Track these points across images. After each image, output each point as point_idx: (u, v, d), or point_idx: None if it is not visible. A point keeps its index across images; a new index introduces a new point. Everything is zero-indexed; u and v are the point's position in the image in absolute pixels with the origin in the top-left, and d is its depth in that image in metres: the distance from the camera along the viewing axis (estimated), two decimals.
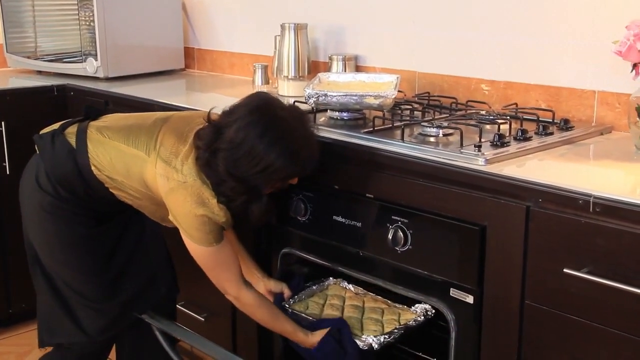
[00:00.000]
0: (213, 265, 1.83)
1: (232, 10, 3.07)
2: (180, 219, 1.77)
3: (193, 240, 1.78)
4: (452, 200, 1.67)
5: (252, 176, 1.69)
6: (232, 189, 1.72)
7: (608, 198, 1.41)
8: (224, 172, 1.70)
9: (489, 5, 2.22)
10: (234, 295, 1.85)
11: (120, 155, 1.83)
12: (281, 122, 1.70)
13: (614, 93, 1.97)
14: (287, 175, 1.75)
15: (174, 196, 1.76)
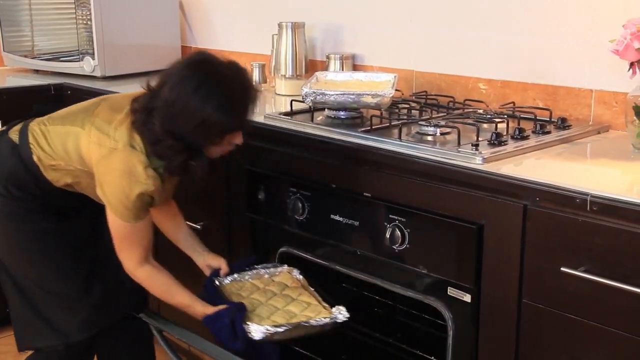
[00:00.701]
0: (121, 238, 1.80)
1: (229, 8, 3.07)
2: (106, 188, 1.74)
3: (112, 210, 1.75)
4: (449, 199, 1.67)
5: (190, 132, 1.66)
6: (170, 147, 1.68)
7: (605, 197, 1.41)
8: (160, 131, 1.67)
9: (486, 4, 2.21)
10: (129, 270, 1.83)
11: (58, 136, 1.82)
12: (217, 76, 1.67)
13: (611, 92, 1.97)
14: (224, 129, 1.69)
15: (103, 164, 1.73)
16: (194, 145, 1.70)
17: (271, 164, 2.09)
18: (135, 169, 1.71)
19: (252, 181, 2.13)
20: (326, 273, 2.07)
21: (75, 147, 1.80)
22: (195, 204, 2.35)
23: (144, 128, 1.71)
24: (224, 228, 2.27)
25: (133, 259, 1.82)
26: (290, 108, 2.19)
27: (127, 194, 1.72)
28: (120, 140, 1.73)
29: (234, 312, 1.78)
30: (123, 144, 1.72)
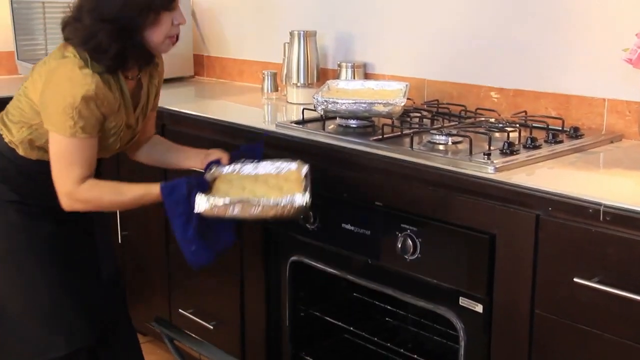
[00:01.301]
0: (61, 157, 1.71)
1: (241, 17, 3.08)
2: (49, 106, 1.69)
3: (55, 127, 1.69)
4: (461, 209, 1.66)
5: (118, 13, 1.65)
6: (106, 34, 1.66)
7: (618, 207, 1.40)
8: (90, 22, 1.67)
9: (497, 13, 2.21)
10: (68, 193, 1.72)
11: (13, 107, 1.82)
12: None
13: (624, 101, 1.96)
14: (150, 2, 1.67)
15: (46, 90, 1.71)
16: (128, 29, 1.68)
17: None
18: (72, 74, 1.68)
19: None
20: (337, 282, 2.07)
21: (27, 103, 1.78)
22: None
23: (75, 31, 1.71)
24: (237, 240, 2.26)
25: (72, 178, 1.71)
26: (302, 116, 2.19)
27: (69, 102, 1.66)
28: (54, 61, 1.73)
29: (193, 184, 1.66)
30: (56, 61, 1.72)
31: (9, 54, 3.22)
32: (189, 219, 1.65)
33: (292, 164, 1.83)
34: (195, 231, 1.65)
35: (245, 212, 1.60)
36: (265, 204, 1.59)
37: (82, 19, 1.70)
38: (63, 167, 1.72)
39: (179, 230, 1.66)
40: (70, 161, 1.71)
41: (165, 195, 1.69)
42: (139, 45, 1.71)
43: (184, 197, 1.65)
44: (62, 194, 1.74)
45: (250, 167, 1.82)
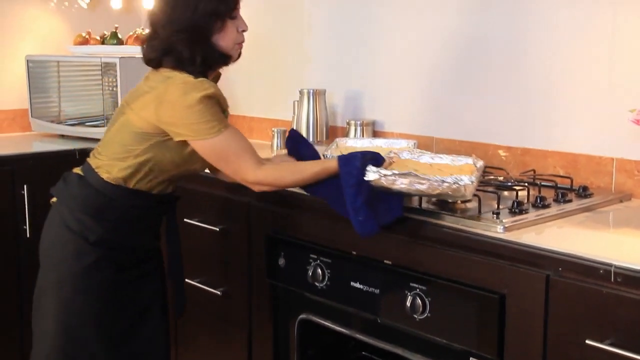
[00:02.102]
0: (225, 157, 1.82)
1: (251, 75, 3.13)
2: (180, 121, 1.78)
3: (202, 135, 1.79)
4: (470, 268, 1.66)
5: (190, 22, 1.80)
6: (183, 43, 1.81)
7: (630, 268, 1.39)
8: (168, 35, 1.82)
9: (505, 72, 2.24)
10: (254, 179, 1.83)
11: (110, 145, 1.88)
12: None
13: (632, 160, 1.96)
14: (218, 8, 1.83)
15: (163, 104, 1.79)
16: (201, 36, 1.83)
17: (291, 230, 2.09)
18: (187, 85, 1.79)
19: (272, 247, 2.13)
20: (346, 341, 2.05)
21: (130, 133, 1.85)
22: (215, 269, 2.35)
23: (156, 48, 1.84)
24: (244, 294, 2.26)
25: (251, 166, 1.82)
26: None
27: (199, 107, 1.77)
28: (160, 84, 1.82)
29: (367, 157, 1.75)
30: (162, 83, 1.81)
31: (23, 111, 3.28)
32: (359, 190, 1.72)
33: (468, 158, 1.89)
34: (363, 200, 1.71)
35: (411, 186, 1.68)
36: (432, 179, 1.67)
37: (157, 35, 1.85)
38: (235, 163, 1.82)
39: (349, 199, 1.73)
40: (237, 154, 1.82)
41: (341, 165, 1.76)
42: (213, 50, 1.86)
43: (357, 168, 1.72)
44: (249, 184, 1.85)
45: (427, 157, 1.92)
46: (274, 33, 3.00)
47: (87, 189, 1.89)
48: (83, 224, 1.87)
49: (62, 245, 1.89)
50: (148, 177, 1.88)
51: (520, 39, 2.20)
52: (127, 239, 1.93)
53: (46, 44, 3.37)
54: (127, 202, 1.89)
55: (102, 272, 1.89)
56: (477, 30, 2.30)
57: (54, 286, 1.90)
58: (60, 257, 1.89)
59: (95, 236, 1.87)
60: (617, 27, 1.98)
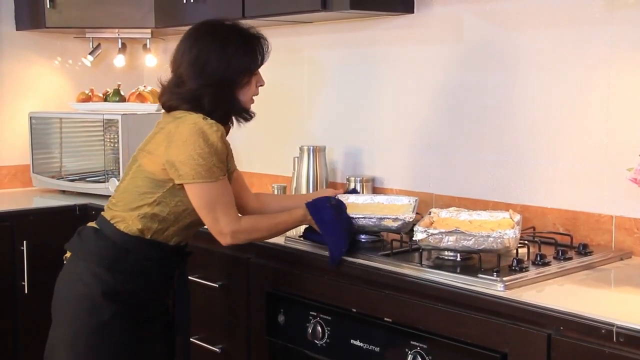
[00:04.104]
0: (213, 204, 1.84)
1: (251, 130, 3.13)
2: (187, 160, 1.81)
3: (194, 178, 1.81)
4: (471, 326, 1.65)
5: (221, 75, 1.87)
6: (209, 96, 1.86)
7: (632, 328, 1.39)
8: (195, 87, 1.87)
9: (504, 130, 2.26)
10: (233, 229, 1.87)
11: (126, 193, 1.90)
12: (226, 27, 1.93)
13: (631, 218, 1.97)
14: (248, 65, 1.91)
15: (173, 143, 1.83)
16: (228, 90, 1.90)
17: (291, 287, 2.08)
18: (198, 125, 1.82)
19: (271, 304, 2.12)
20: None
21: (145, 179, 1.87)
22: (214, 326, 2.33)
23: (180, 96, 1.88)
24: (244, 351, 2.23)
25: (233, 218, 1.87)
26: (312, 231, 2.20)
27: (206, 149, 1.81)
28: (172, 124, 1.86)
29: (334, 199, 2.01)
30: (173, 123, 1.86)
31: (25, 167, 3.29)
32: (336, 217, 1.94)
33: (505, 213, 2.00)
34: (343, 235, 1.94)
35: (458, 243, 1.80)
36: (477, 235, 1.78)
37: (184, 84, 1.89)
38: (221, 211, 1.86)
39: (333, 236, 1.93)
40: (225, 203, 1.87)
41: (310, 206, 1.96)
42: (236, 104, 1.94)
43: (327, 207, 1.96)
44: (225, 235, 1.88)
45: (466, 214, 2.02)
46: (274, 89, 3.03)
47: (103, 242, 1.89)
48: (98, 277, 1.86)
49: (76, 300, 1.87)
50: (164, 225, 1.88)
51: (518, 97, 2.22)
52: (141, 292, 1.91)
53: (49, 100, 3.41)
54: (143, 253, 1.88)
55: (117, 328, 1.87)
56: (476, 88, 2.34)
57: (67, 342, 1.88)
58: (74, 313, 1.88)
59: (110, 289, 1.85)
60: (613, 86, 2.01)
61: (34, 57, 3.38)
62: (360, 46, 2.68)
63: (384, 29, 2.59)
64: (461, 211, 2.02)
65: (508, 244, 1.76)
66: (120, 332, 1.88)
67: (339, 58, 2.77)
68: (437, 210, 2.03)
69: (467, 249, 1.79)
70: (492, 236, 1.76)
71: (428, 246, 1.83)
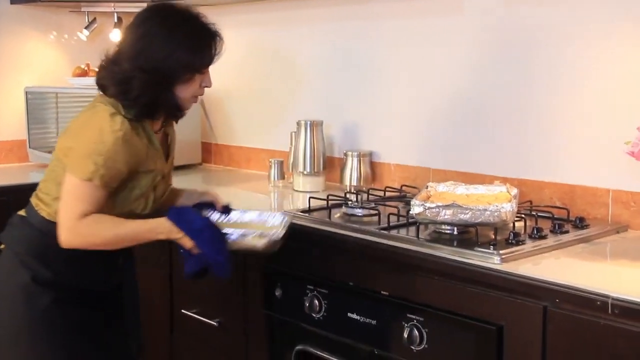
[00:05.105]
0: (71, 195, 1.71)
1: (249, 106, 3.15)
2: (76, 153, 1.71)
3: (75, 167, 1.70)
4: (468, 299, 1.65)
5: (160, 65, 1.73)
6: (141, 81, 1.73)
7: (627, 300, 1.39)
8: (129, 68, 1.73)
9: (502, 104, 2.26)
10: (67, 226, 1.71)
11: (47, 182, 1.83)
12: (180, 14, 1.79)
13: (628, 192, 1.97)
14: (193, 63, 1.76)
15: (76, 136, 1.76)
16: (164, 82, 1.75)
17: (288, 262, 2.08)
18: (103, 121, 1.72)
19: (269, 278, 2.13)
20: None
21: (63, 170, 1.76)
22: (211, 300, 2.34)
23: (112, 74, 1.77)
24: (241, 325, 2.24)
25: (76, 213, 1.70)
26: (308, 205, 2.21)
27: (98, 147, 1.69)
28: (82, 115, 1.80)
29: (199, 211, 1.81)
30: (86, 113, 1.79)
31: (21, 142, 3.29)
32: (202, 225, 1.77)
33: (502, 186, 1.96)
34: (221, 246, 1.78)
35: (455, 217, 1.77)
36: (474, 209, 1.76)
37: (120, 63, 1.77)
38: (69, 202, 1.72)
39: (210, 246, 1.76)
40: (78, 198, 1.71)
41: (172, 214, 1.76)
42: (169, 99, 1.79)
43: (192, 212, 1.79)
44: (63, 228, 1.72)
45: (463, 188, 1.99)
46: (272, 65, 3.02)
47: (29, 229, 1.82)
48: (29, 266, 1.78)
49: (11, 295, 1.79)
50: None
51: (515, 73, 2.21)
52: (78, 279, 1.83)
53: (45, 75, 3.39)
54: None
55: (59, 314, 1.79)
56: (475, 63, 2.32)
57: (11, 340, 1.80)
58: (11, 309, 1.79)
59: (42, 276, 1.78)
60: (612, 60, 2.00)
61: (29, 32, 3.36)
62: (359, 20, 2.67)
63: (383, 2, 2.57)
64: (458, 185, 2.01)
65: (505, 218, 1.76)
66: (63, 317, 1.80)
67: (337, 32, 2.75)
68: (434, 184, 2.03)
69: (464, 222, 1.79)
70: (489, 210, 1.76)
71: (425, 220, 1.83)
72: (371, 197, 2.32)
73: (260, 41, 3.06)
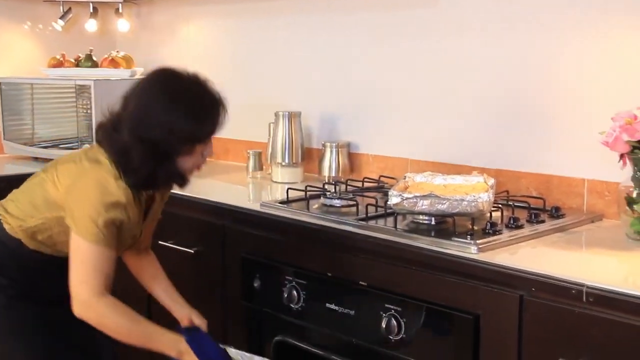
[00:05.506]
0: (84, 263, 1.67)
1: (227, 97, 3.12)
2: (75, 210, 1.68)
3: (80, 231, 1.66)
4: (445, 289, 1.66)
5: (160, 137, 1.65)
6: (139, 154, 1.66)
7: (601, 288, 1.41)
8: (129, 139, 1.66)
9: (479, 95, 2.27)
10: (86, 300, 1.67)
11: (23, 196, 1.80)
12: (183, 82, 1.71)
13: (603, 181, 1.99)
14: (194, 136, 1.70)
15: (73, 189, 1.70)
16: (164, 154, 1.69)
17: (267, 252, 2.09)
18: (106, 182, 1.68)
19: (247, 269, 2.13)
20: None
21: (42, 195, 1.76)
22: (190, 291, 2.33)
23: (111, 141, 1.71)
24: (219, 316, 2.24)
25: (95, 287, 1.67)
26: (287, 196, 2.21)
27: (97, 209, 1.66)
28: (85, 161, 1.73)
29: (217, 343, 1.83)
30: (90, 164, 1.72)
31: None
32: None
33: (479, 177, 1.98)
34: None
35: (432, 207, 1.79)
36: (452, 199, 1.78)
37: (120, 130, 1.69)
38: (85, 272, 1.68)
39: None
40: (94, 267, 1.68)
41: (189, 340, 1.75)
42: (169, 170, 1.72)
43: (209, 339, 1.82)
44: (78, 300, 1.69)
45: (440, 178, 1.99)
46: (250, 56, 3.01)
47: None
48: None
49: None
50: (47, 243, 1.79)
51: (491, 63, 2.23)
52: (38, 284, 1.81)
53: (20, 66, 3.34)
54: (29, 257, 1.78)
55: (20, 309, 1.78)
56: (450, 53, 2.33)
57: None
58: None
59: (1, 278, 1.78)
60: (587, 52, 2.02)
61: (3, 22, 3.31)
62: (336, 11, 2.66)
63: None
64: (436, 175, 2.02)
65: (482, 208, 1.77)
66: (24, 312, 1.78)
67: (314, 24, 2.75)
68: (412, 175, 2.03)
69: (442, 212, 1.80)
70: (466, 200, 1.77)
71: (403, 210, 1.84)
72: (349, 187, 2.32)
73: (237, 32, 3.04)
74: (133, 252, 1.99)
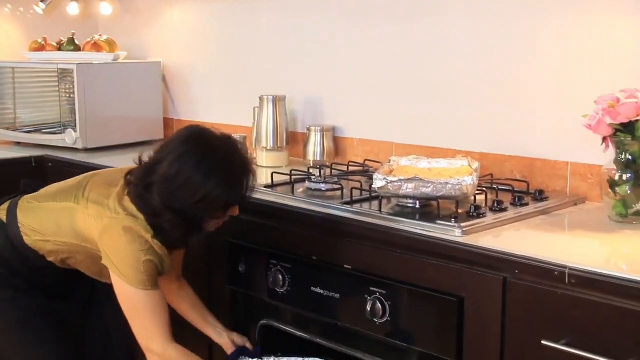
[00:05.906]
0: (139, 311, 1.71)
1: (211, 82, 3.12)
2: (113, 257, 1.70)
3: (125, 279, 1.68)
4: (429, 272, 1.67)
5: (191, 207, 1.66)
6: (170, 221, 1.67)
7: (583, 270, 1.43)
8: (160, 205, 1.66)
9: (463, 79, 2.27)
10: (160, 352, 1.71)
11: (49, 214, 1.81)
12: (216, 151, 1.69)
13: (586, 164, 2.01)
14: (226, 204, 1.71)
15: (108, 234, 1.71)
16: (194, 220, 1.70)
17: (252, 236, 2.08)
18: (142, 236, 1.70)
19: (232, 253, 2.13)
20: (307, 346, 2.05)
21: (70, 223, 1.77)
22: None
23: (141, 201, 1.70)
24: (204, 300, 2.24)
25: (163, 335, 1.71)
26: (272, 180, 2.20)
27: (137, 258, 1.68)
28: (121, 211, 1.72)
29: None
30: (124, 214, 1.72)
31: None
32: None
33: (463, 160, 1.98)
34: None
35: (417, 190, 1.80)
36: (436, 182, 1.78)
37: (151, 191, 1.68)
38: (147, 321, 1.71)
39: None
40: (153, 314, 1.70)
41: None
42: (198, 233, 1.75)
43: None
44: (150, 351, 1.72)
45: (425, 162, 1.99)
46: (234, 40, 2.99)
47: (2, 239, 1.81)
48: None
49: None
50: (66, 262, 1.83)
51: (478, 47, 2.23)
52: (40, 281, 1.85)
53: (1, 50, 3.30)
54: (42, 263, 1.82)
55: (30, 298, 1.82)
56: (435, 37, 2.33)
57: None
58: None
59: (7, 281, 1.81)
60: (570, 35, 2.02)
61: None
62: None
63: None
64: (420, 159, 2.03)
65: (466, 191, 1.78)
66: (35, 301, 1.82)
67: (298, 8, 2.73)
68: (397, 158, 2.04)
69: (426, 195, 1.80)
70: (451, 183, 1.78)
71: (387, 194, 1.84)
72: (334, 171, 2.32)
73: (221, 15, 3.02)
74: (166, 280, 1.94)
